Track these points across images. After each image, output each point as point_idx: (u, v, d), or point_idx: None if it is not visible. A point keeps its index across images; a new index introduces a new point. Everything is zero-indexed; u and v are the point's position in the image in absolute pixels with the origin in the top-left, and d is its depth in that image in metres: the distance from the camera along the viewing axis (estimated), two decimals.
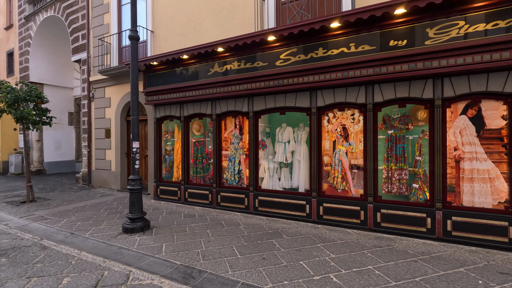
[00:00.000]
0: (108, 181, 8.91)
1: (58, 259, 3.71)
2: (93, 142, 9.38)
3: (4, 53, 13.96)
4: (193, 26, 7.12)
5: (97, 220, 5.49)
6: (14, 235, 4.66)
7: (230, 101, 6.09)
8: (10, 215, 5.95)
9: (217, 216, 5.70)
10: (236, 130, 6.20)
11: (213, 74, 5.95)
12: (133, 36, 4.90)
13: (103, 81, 9.00)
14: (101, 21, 9.03)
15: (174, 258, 3.72)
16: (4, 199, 7.49)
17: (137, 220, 4.85)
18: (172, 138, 7.22)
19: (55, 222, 5.39)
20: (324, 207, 5.06)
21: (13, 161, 12.39)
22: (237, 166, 6.17)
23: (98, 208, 6.42)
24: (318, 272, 3.31)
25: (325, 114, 5.19)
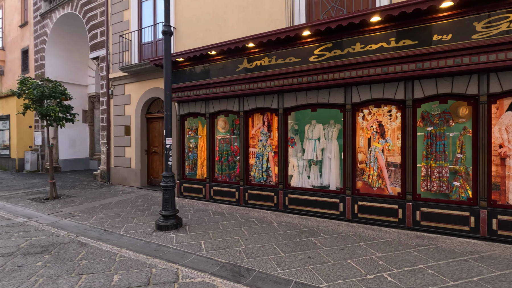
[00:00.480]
0: (128, 179, 8.88)
1: (101, 256, 3.66)
2: (112, 139, 9.36)
3: (19, 51, 13.99)
4: (217, 22, 7.05)
5: (127, 217, 5.45)
6: (49, 232, 4.62)
7: (258, 98, 6.01)
8: (37, 211, 5.93)
9: (246, 214, 5.64)
10: (264, 127, 6.13)
11: (242, 70, 5.88)
12: (167, 31, 4.84)
13: (122, 78, 8.96)
14: (121, 18, 8.99)
15: (217, 256, 3.67)
16: (27, 196, 7.48)
17: (171, 217, 4.80)
18: (196, 135, 7.17)
19: (85, 219, 5.35)
20: (359, 206, 4.98)
21: (29, 159, 12.42)
22: (265, 163, 6.10)
23: (124, 206, 6.38)
24: (370, 271, 3.23)
25: (359, 111, 5.10)
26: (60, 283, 2.93)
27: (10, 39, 14.62)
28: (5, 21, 14.92)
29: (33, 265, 3.34)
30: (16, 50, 14.17)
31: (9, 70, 14.82)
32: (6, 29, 14.90)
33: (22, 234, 4.49)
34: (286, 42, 5.28)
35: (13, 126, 12.58)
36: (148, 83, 8.41)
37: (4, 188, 8.71)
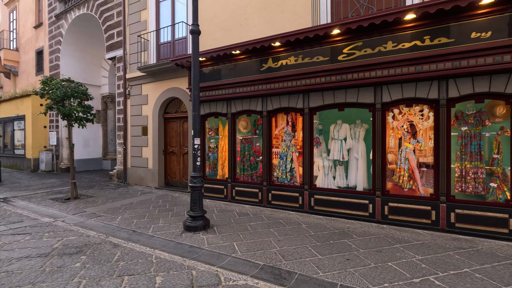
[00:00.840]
0: (145, 179, 8.87)
1: (136, 257, 3.62)
2: (128, 139, 9.36)
3: (33, 52, 14.09)
4: (238, 21, 7.00)
5: (152, 218, 5.42)
6: (78, 232, 4.61)
7: (283, 98, 5.95)
8: (61, 211, 5.93)
9: (271, 215, 5.58)
10: (288, 127, 6.06)
11: (267, 69, 5.82)
12: (195, 30, 4.79)
13: (140, 78, 8.96)
14: (138, 18, 8.99)
15: (253, 258, 3.61)
16: (47, 196, 7.51)
17: (199, 218, 4.76)
18: (216, 135, 7.12)
19: (110, 220, 5.34)
20: (390, 207, 4.89)
21: (44, 159, 12.50)
22: (289, 164, 6.04)
23: (146, 206, 6.36)
24: (415, 274, 3.15)
25: (390, 110, 5.01)
26: (104, 285, 2.89)
27: (24, 40, 14.74)
28: (19, 22, 15.05)
29: (72, 266, 3.31)
30: (31, 51, 14.28)
31: (23, 71, 14.94)
32: (20, 30, 15.03)
33: (53, 234, 4.48)
34: (314, 41, 5.21)
35: (28, 126, 12.68)
36: (166, 83, 8.39)
37: (23, 188, 8.76)
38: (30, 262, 3.39)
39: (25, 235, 4.41)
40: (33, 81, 14.12)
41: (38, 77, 13.86)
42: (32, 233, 4.54)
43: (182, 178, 8.46)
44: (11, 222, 5.11)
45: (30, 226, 4.91)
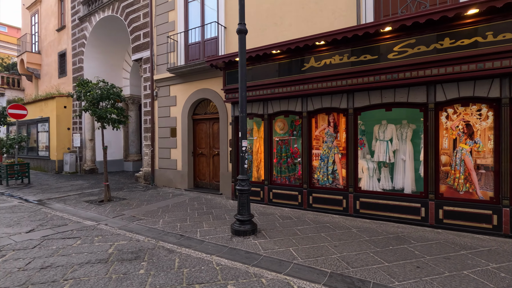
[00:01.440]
0: (174, 181, 8.82)
1: (197, 263, 3.52)
2: (156, 141, 9.33)
3: (56, 54, 14.24)
4: (273, 20, 6.88)
5: (194, 221, 5.33)
6: (126, 236, 4.54)
7: (325, 98, 5.80)
8: (100, 214, 5.89)
9: (316, 218, 5.43)
10: (330, 128, 5.90)
11: (308, 69, 5.68)
12: (242, 29, 4.68)
13: (167, 80, 8.91)
14: (166, 18, 8.95)
15: (317, 265, 3.47)
16: (81, 198, 7.51)
17: (247, 222, 4.64)
18: (251, 136, 7.01)
19: (153, 223, 5.26)
20: (445, 211, 4.69)
21: (68, 160, 12.60)
22: (331, 165, 5.88)
23: (183, 209, 6.28)
24: (499, 284, 2.96)
25: (443, 110, 4.80)
26: None
27: (46, 43, 14.91)
28: (41, 25, 15.23)
29: (136, 273, 3.23)
30: (53, 53, 14.43)
31: (45, 74, 15.11)
32: (42, 33, 15.20)
33: (102, 238, 4.42)
34: (362, 39, 5.05)
35: (52, 128, 12.79)
36: (195, 84, 8.32)
37: (53, 190, 8.80)
38: (93, 269, 3.32)
39: (75, 239, 4.36)
40: (56, 83, 14.26)
41: (61, 80, 14.00)
42: (81, 237, 4.49)
43: (212, 180, 8.37)
44: (56, 226, 5.08)
45: (76, 229, 4.87)
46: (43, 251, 3.88)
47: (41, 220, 5.46)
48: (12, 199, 7.44)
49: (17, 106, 9.83)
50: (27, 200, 7.31)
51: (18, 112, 9.81)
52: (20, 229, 4.84)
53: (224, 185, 7.71)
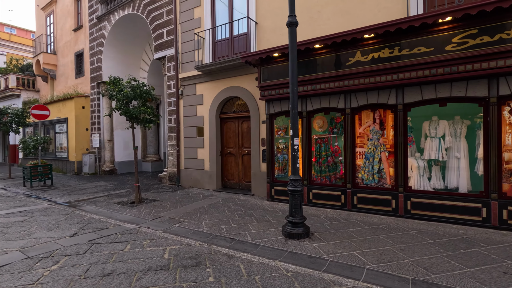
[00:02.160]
0: (201, 181, 8.62)
1: (264, 270, 3.30)
2: (181, 141, 9.13)
3: (72, 54, 14.12)
4: (309, 14, 6.63)
5: (238, 224, 5.11)
6: (174, 240, 4.33)
7: (371, 93, 5.54)
8: (137, 217, 5.70)
9: (364, 220, 5.19)
10: (375, 125, 5.65)
11: (354, 63, 5.43)
12: (293, 22, 4.45)
13: (193, 78, 8.71)
14: (191, 15, 8.74)
15: (393, 270, 3.23)
16: (110, 200, 7.33)
17: (299, 224, 4.41)
18: (286, 135, 6.78)
19: (196, 225, 5.06)
20: (510, 211, 4.42)
21: (87, 161, 12.47)
22: (377, 164, 5.63)
23: (220, 210, 6.07)
24: None
25: (506, 104, 4.53)
26: None
27: (62, 43, 14.80)
28: (57, 26, 15.13)
29: (206, 281, 3.01)
30: (69, 54, 14.32)
31: (61, 74, 15.02)
32: (57, 34, 15.10)
33: (151, 243, 4.22)
34: (414, 31, 4.79)
35: (71, 129, 12.67)
36: (223, 82, 8.10)
37: (79, 191, 8.65)
38: (159, 276, 3.11)
39: (123, 244, 4.16)
40: (73, 83, 14.15)
41: (77, 80, 13.88)
42: (128, 241, 4.29)
43: (241, 180, 8.16)
44: (97, 229, 4.90)
45: (120, 233, 4.68)
46: (96, 256, 3.69)
47: (80, 223, 5.28)
48: (42, 201, 7.29)
49: (40, 107, 9.70)
50: (56, 202, 7.16)
51: (41, 113, 9.68)
52: (62, 233, 4.66)
53: (256, 185, 7.49)
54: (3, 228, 4.95)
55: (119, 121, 12.90)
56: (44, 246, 4.06)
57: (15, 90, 16.16)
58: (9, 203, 7.13)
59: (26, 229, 4.92)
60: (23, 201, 7.31)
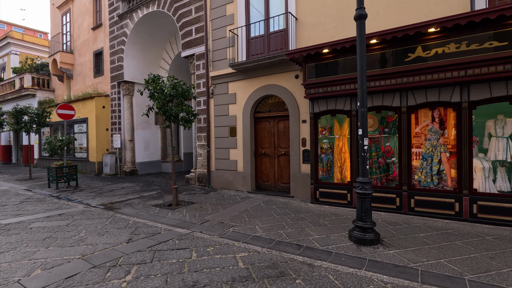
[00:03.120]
0: (234, 183, 8.37)
1: (358, 281, 3.03)
2: (212, 141, 8.88)
3: (90, 53, 13.90)
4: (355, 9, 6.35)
5: (295, 228, 4.84)
6: (238, 247, 4.07)
7: (431, 91, 5.27)
8: (183, 221, 5.44)
9: (426, 224, 4.92)
10: (434, 124, 5.38)
11: (414, 60, 5.16)
12: (362, 14, 4.19)
13: (226, 76, 8.46)
14: (223, 12, 8.49)
15: (500, 282, 2.96)
16: (145, 202, 7.08)
17: (370, 230, 4.15)
18: (331, 135, 6.51)
19: (250, 230, 4.79)
20: None
21: (108, 162, 12.24)
22: (436, 165, 5.35)
23: (266, 213, 5.81)
24: None
25: None
26: None
27: (79, 42, 14.58)
28: (73, 24, 14.91)
29: None
30: (87, 53, 14.10)
31: (78, 73, 14.79)
32: (74, 33, 14.89)
33: (215, 250, 3.96)
34: (483, 25, 4.52)
35: (91, 129, 12.45)
36: (259, 80, 7.85)
37: (108, 193, 8.41)
38: None
39: (187, 251, 3.91)
40: (91, 83, 13.93)
41: (96, 79, 13.66)
42: (190, 247, 4.04)
43: (277, 181, 7.90)
44: (150, 234, 4.65)
45: (176, 239, 4.42)
46: (167, 266, 3.43)
47: (127, 227, 5.03)
48: (75, 204, 7.04)
49: (66, 106, 9.47)
50: (90, 205, 6.92)
51: (67, 113, 9.46)
52: (116, 239, 4.41)
53: (296, 187, 7.23)
54: (51, 233, 4.71)
55: (140, 121, 12.69)
56: (105, 254, 3.81)
57: (31, 89, 15.95)
58: (42, 205, 6.89)
59: (75, 234, 4.68)
60: (56, 204, 7.07)
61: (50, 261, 3.56)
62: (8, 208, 6.64)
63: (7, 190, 9.25)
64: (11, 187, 9.75)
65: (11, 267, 3.41)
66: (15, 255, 3.79)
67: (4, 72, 20.91)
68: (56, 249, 3.98)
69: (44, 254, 3.83)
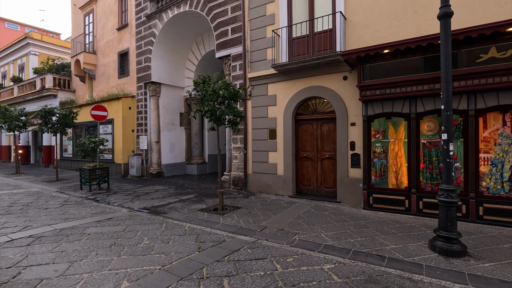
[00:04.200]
0: (273, 186, 8.16)
1: None
2: (249, 143, 8.69)
3: (114, 54, 13.81)
4: (413, 8, 6.14)
5: (364, 237, 4.61)
6: (319, 258, 3.85)
7: (504, 93, 5.02)
8: (239, 227, 5.24)
9: (502, 233, 4.67)
10: (506, 128, 5.13)
11: (486, 61, 4.92)
12: (448, 12, 3.96)
13: (265, 78, 8.27)
14: (263, 11, 8.31)
15: None
16: (189, 206, 6.90)
17: (455, 241, 3.91)
18: (385, 138, 6.28)
19: (316, 238, 4.57)
20: None
21: (134, 163, 12.11)
22: (508, 172, 5.10)
23: (322, 220, 5.59)
24: None
25: None
26: None
27: (103, 43, 14.51)
28: (97, 25, 14.85)
29: None
30: (111, 53, 14.01)
31: (101, 74, 14.71)
32: (98, 33, 14.82)
33: (297, 261, 3.74)
34: None
35: (118, 130, 12.33)
36: (302, 81, 7.65)
37: (144, 196, 8.24)
38: None
39: (267, 261, 3.70)
40: (115, 83, 13.83)
41: (121, 80, 13.56)
42: (268, 258, 3.83)
43: (320, 186, 7.67)
44: (216, 242, 4.44)
45: (247, 248, 4.21)
46: (258, 279, 3.21)
47: (187, 234, 4.84)
48: (117, 207, 6.88)
49: (99, 107, 9.35)
50: (132, 209, 6.74)
51: (100, 114, 9.34)
52: (185, 248, 4.21)
53: (343, 192, 7.00)
54: (113, 240, 4.53)
55: (166, 122, 12.55)
56: (184, 264, 3.62)
57: (52, 90, 15.90)
58: (85, 209, 6.73)
59: (138, 241, 4.49)
60: (97, 207, 6.91)
61: (132, 272, 3.38)
62: (52, 211, 6.49)
63: (40, 192, 9.13)
64: (42, 189, 9.64)
65: (94, 279, 3.23)
66: (91, 265, 3.61)
67: (23, 73, 20.94)
68: (130, 258, 3.80)
69: (120, 263, 3.65)
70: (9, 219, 5.83)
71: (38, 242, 4.49)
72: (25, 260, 3.78)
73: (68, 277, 3.29)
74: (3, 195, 8.51)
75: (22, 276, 3.32)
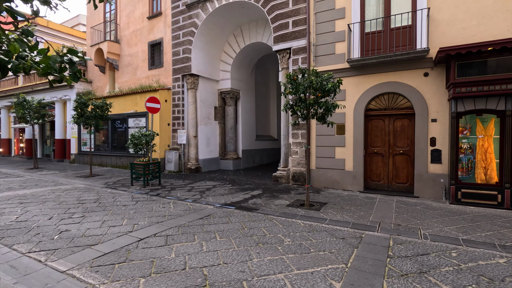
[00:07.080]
0: (341, 182, 8.16)
1: None
2: (313, 138, 8.61)
3: (144, 44, 13.19)
4: (504, 6, 6.25)
5: (488, 232, 4.71)
6: (479, 252, 3.90)
7: None
8: (355, 223, 5.21)
9: None
10: None
11: None
12: None
13: (333, 72, 8.16)
14: (331, 5, 8.19)
15: None
16: (271, 202, 6.76)
17: None
18: (471, 135, 6.42)
19: (460, 232, 4.62)
20: None
21: (172, 158, 11.71)
22: None
23: (424, 215, 5.65)
24: None
25: None
26: None
27: (129, 32, 13.81)
28: (121, 13, 14.10)
29: None
30: (140, 43, 13.37)
31: (126, 65, 14.02)
32: (122, 21, 14.08)
33: (460, 257, 3.76)
34: None
35: (155, 124, 11.81)
36: (375, 77, 7.65)
37: (207, 192, 7.97)
38: None
39: (433, 257, 3.69)
40: (144, 75, 13.24)
41: (152, 71, 12.99)
42: (430, 253, 3.82)
43: (391, 181, 7.76)
44: (356, 238, 4.39)
45: (396, 245, 4.19)
46: (454, 275, 3.21)
47: (320, 231, 4.74)
48: (197, 204, 6.61)
49: (153, 100, 8.92)
50: (215, 205, 6.52)
51: (154, 106, 8.92)
52: (339, 246, 4.12)
53: (422, 187, 7.11)
54: (250, 237, 4.35)
55: (202, 116, 12.20)
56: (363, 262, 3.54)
57: None
58: (164, 205, 6.42)
59: (279, 240, 4.34)
60: (176, 204, 6.60)
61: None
62: (133, 208, 6.15)
63: (89, 188, 8.64)
64: (88, 185, 9.12)
65: (298, 278, 3.08)
66: (243, 266, 3.45)
67: None
68: (298, 258, 3.67)
69: (297, 263, 3.51)
70: (103, 217, 5.46)
71: (172, 240, 4.24)
72: (190, 261, 3.54)
73: (265, 277, 3.13)
74: (55, 191, 7.98)
75: (220, 279, 3.11)
